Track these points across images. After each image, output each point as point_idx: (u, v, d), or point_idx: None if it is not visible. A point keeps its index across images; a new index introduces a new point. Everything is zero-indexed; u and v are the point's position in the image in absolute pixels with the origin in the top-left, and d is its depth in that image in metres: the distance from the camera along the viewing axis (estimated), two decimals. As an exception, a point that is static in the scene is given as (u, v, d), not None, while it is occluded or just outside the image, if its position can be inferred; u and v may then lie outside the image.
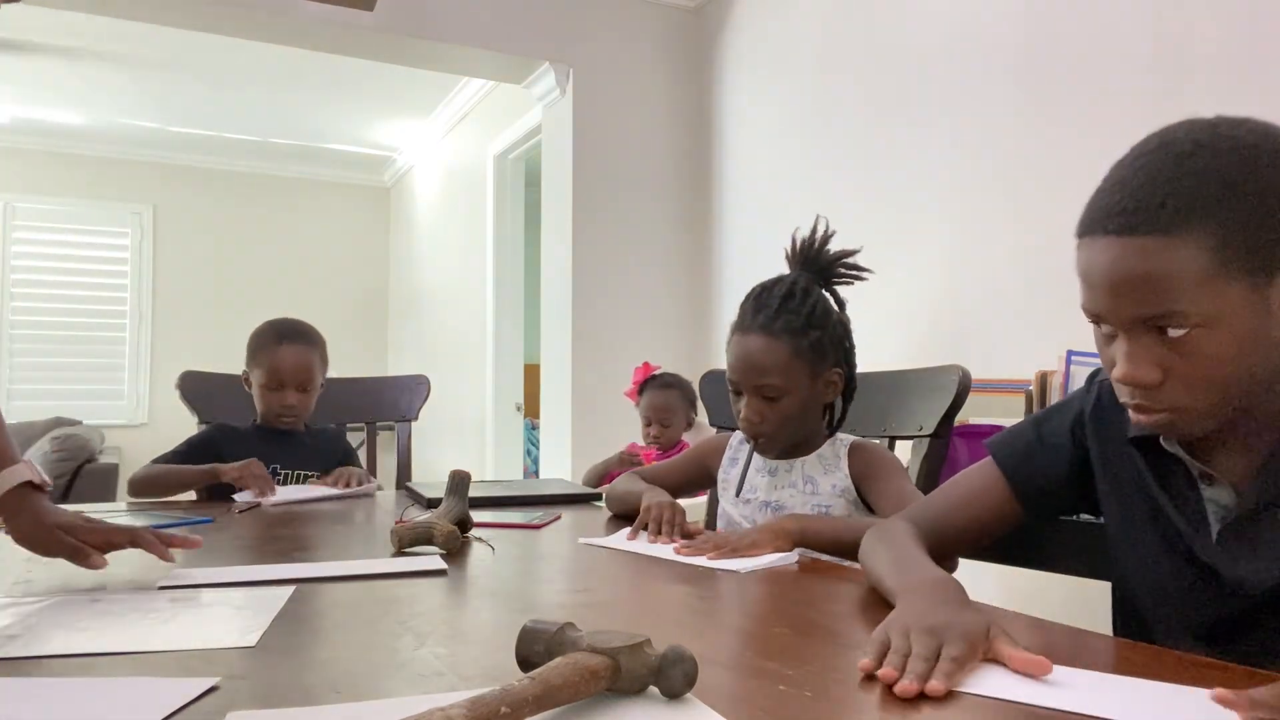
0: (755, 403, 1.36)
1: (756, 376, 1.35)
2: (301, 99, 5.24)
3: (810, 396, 1.38)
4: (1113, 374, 0.81)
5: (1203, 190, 0.74)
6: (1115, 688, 0.67)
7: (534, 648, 0.63)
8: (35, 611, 0.87)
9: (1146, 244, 0.75)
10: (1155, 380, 0.78)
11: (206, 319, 6.05)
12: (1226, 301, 0.74)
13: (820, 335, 1.37)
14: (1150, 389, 0.79)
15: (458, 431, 5.17)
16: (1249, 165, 0.75)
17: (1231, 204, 0.73)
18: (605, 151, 3.56)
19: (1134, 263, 0.75)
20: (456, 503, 1.34)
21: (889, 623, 0.75)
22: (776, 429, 1.38)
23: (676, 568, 1.13)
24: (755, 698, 0.64)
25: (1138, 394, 0.80)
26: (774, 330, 1.35)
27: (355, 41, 3.41)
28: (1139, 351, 0.78)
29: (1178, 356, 0.77)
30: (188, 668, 0.70)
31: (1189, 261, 0.73)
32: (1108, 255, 0.77)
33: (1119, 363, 0.79)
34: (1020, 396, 1.78)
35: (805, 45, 3.10)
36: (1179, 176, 0.75)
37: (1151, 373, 0.78)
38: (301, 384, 1.95)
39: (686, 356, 3.55)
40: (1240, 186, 0.74)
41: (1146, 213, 0.75)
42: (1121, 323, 0.79)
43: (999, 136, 2.37)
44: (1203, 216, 0.73)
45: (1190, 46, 1.94)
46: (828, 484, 1.39)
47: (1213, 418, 0.80)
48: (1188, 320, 0.75)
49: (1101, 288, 0.78)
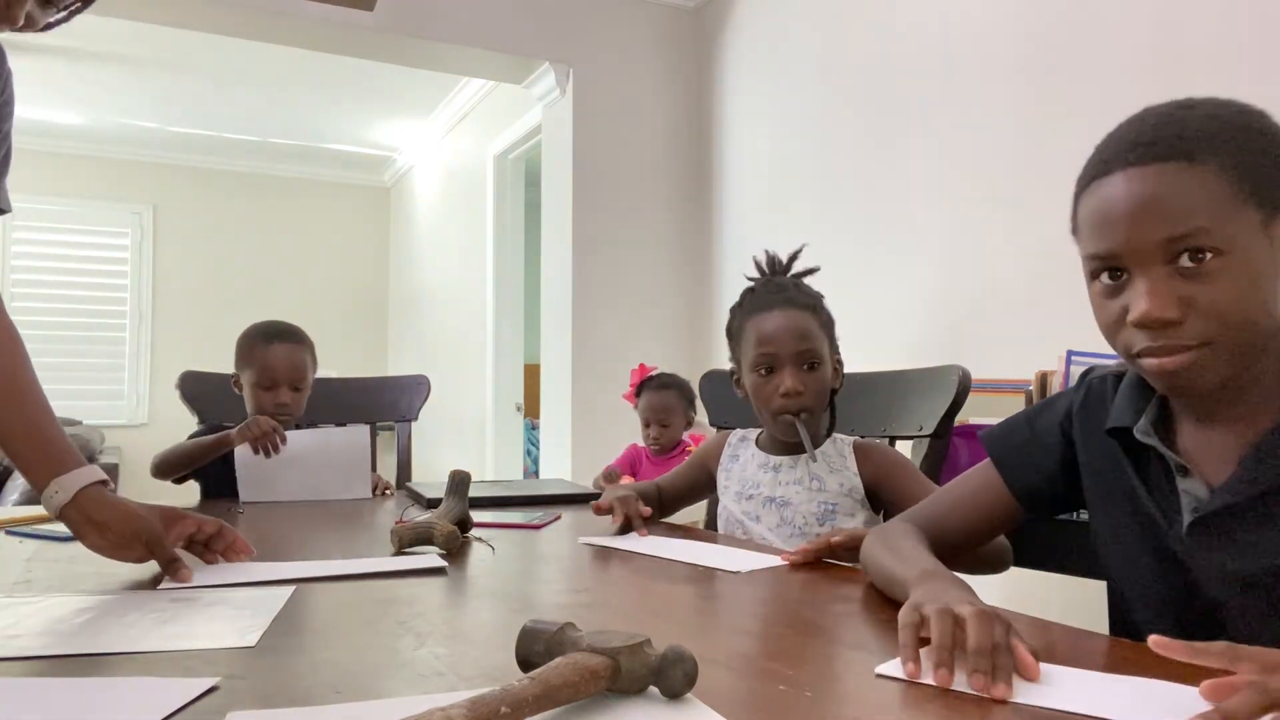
0: (797, 373, 1.37)
1: (799, 343, 1.37)
2: (301, 99, 5.24)
3: (832, 373, 1.42)
4: (1131, 317, 0.79)
5: (1216, 124, 0.78)
6: (1114, 687, 0.67)
7: (534, 648, 0.63)
8: (35, 611, 0.87)
9: (1169, 168, 0.77)
10: (1178, 315, 0.77)
11: (206, 319, 6.05)
12: (1242, 229, 0.76)
13: (828, 317, 1.43)
14: (1173, 326, 0.77)
15: (458, 431, 5.17)
16: (1252, 113, 0.81)
17: (1244, 138, 0.78)
18: (605, 151, 3.56)
19: (1158, 186, 0.77)
20: (456, 503, 1.34)
21: (916, 604, 0.74)
22: (817, 399, 1.39)
23: (676, 568, 1.13)
24: (755, 698, 0.64)
25: (1161, 335, 0.78)
26: (800, 303, 1.40)
27: (355, 41, 3.41)
28: (1159, 287, 0.77)
29: (1198, 287, 0.76)
30: (188, 668, 0.70)
31: (1211, 184, 0.76)
32: (1128, 184, 0.79)
33: (1140, 302, 0.78)
34: (1020, 396, 1.78)
35: (805, 45, 3.10)
36: (1191, 115, 0.80)
37: (1175, 307, 0.77)
38: (294, 382, 1.97)
39: (686, 356, 3.55)
40: (1240, 128, 0.79)
41: (1166, 142, 0.78)
42: (1142, 254, 0.78)
43: (999, 136, 2.37)
44: (1221, 145, 0.77)
45: (1190, 47, 1.94)
46: (835, 482, 1.39)
47: (1236, 362, 0.78)
48: (1210, 242, 0.75)
49: (1123, 218, 0.79)
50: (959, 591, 0.77)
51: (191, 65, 4.64)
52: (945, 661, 0.66)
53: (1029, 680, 0.65)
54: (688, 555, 1.19)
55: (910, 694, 0.65)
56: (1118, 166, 0.80)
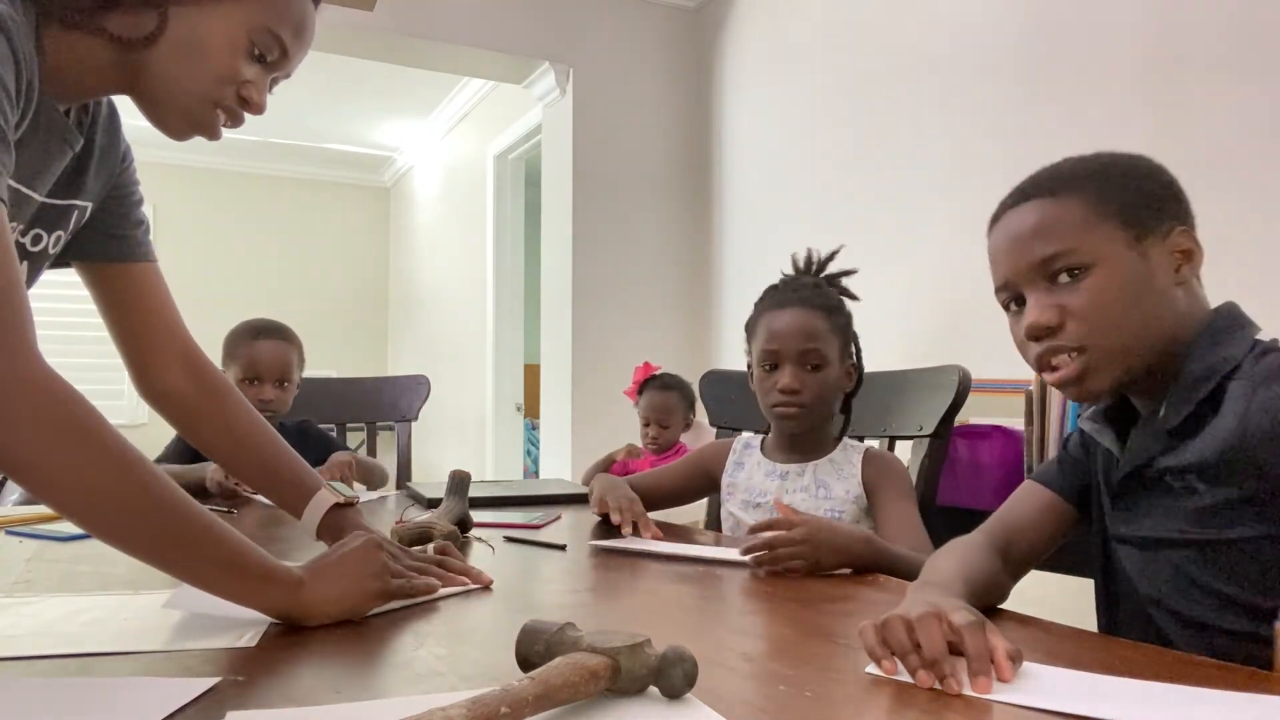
0: (796, 371, 1.37)
1: (803, 341, 1.37)
2: (301, 99, 5.24)
3: (838, 377, 1.41)
4: (1023, 334, 0.92)
5: (1080, 169, 0.94)
6: (1111, 688, 0.67)
7: (534, 648, 0.63)
8: (35, 611, 0.87)
9: (1037, 203, 0.93)
10: (1056, 320, 0.89)
11: (206, 319, 5.98)
12: (1108, 245, 0.88)
13: (846, 321, 1.43)
14: (1052, 331, 0.90)
15: (458, 431, 5.17)
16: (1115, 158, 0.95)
17: (1103, 177, 0.92)
18: (605, 151, 3.56)
19: (1029, 217, 0.93)
20: (456, 503, 1.34)
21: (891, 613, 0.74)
22: (814, 400, 1.38)
23: (676, 568, 1.13)
24: (755, 698, 0.64)
25: (1045, 343, 0.91)
26: (814, 303, 1.41)
27: (355, 41, 3.41)
28: (1039, 298, 0.91)
29: (1072, 297, 0.89)
30: (188, 668, 0.70)
31: (1073, 210, 0.90)
32: (1007, 222, 0.95)
33: (1028, 315, 0.91)
34: (1020, 396, 1.78)
35: (805, 45, 3.10)
36: (1059, 165, 0.96)
37: (1053, 314, 0.89)
38: (279, 378, 1.97)
39: (686, 357, 3.55)
40: (1105, 166, 0.93)
41: (1035, 185, 0.95)
42: (1024, 275, 0.92)
43: (999, 135, 2.37)
44: (1079, 182, 0.92)
45: (1190, 47, 1.94)
46: (841, 489, 1.39)
47: (1117, 363, 0.89)
48: (1077, 258, 0.88)
49: (1005, 249, 0.94)
50: (936, 598, 0.75)
51: (191, 65, 4.64)
52: (908, 665, 0.67)
53: (1001, 680, 0.65)
54: (695, 552, 1.19)
55: (910, 694, 0.65)
56: (1002, 211, 0.97)
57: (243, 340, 2.00)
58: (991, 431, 1.82)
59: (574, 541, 1.32)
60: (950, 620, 0.69)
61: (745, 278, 3.38)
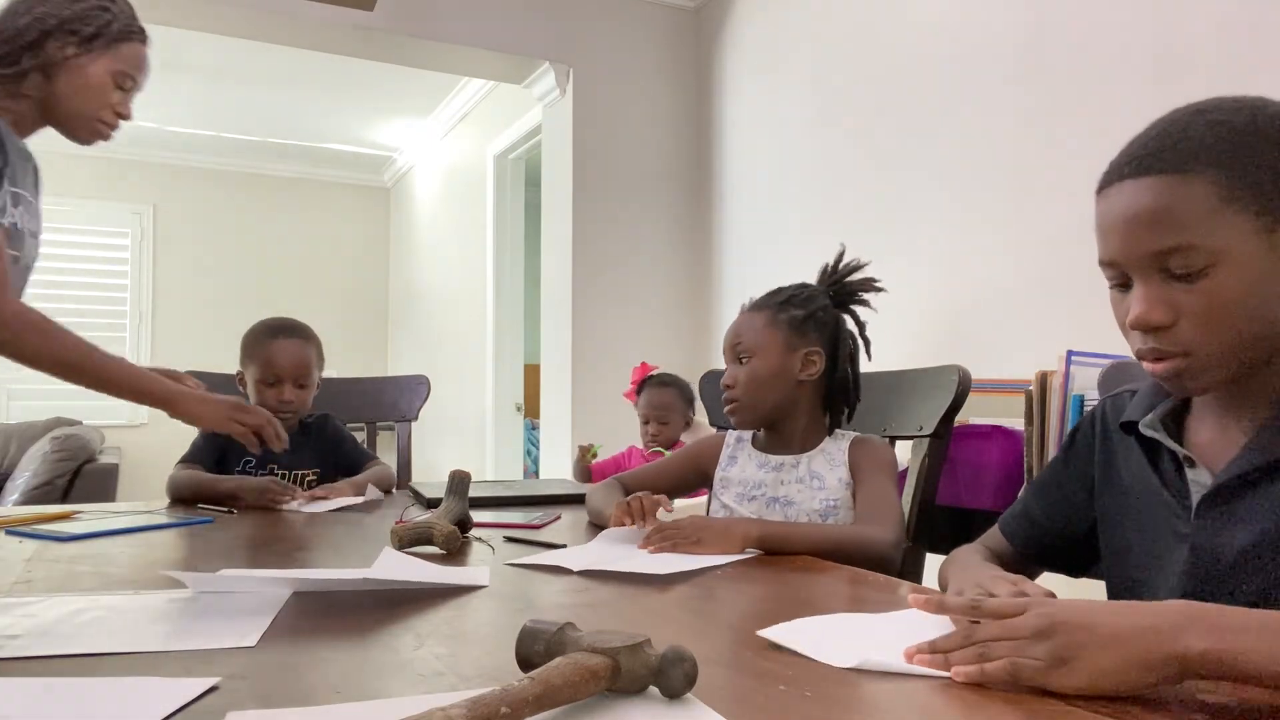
0: (730, 368, 1.45)
1: (733, 339, 1.46)
2: (301, 99, 5.24)
3: (782, 366, 1.42)
4: (1128, 321, 0.82)
5: (1212, 135, 0.79)
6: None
7: (534, 648, 0.63)
8: (35, 611, 0.87)
9: (1159, 181, 0.79)
10: (1168, 320, 0.80)
11: (206, 319, 6.04)
12: (1235, 238, 0.77)
13: (801, 315, 1.44)
14: (1163, 330, 0.80)
15: (458, 431, 5.17)
16: (1254, 118, 0.80)
17: (1238, 148, 0.78)
18: (605, 151, 3.56)
19: (1148, 198, 0.79)
20: (456, 503, 1.34)
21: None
22: (745, 392, 1.42)
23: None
24: (755, 698, 0.64)
25: (1151, 339, 0.81)
26: (757, 306, 1.47)
27: (355, 41, 3.41)
28: (1152, 292, 0.80)
29: (1190, 296, 0.79)
30: (188, 668, 0.70)
31: (1199, 195, 0.77)
32: (1123, 196, 0.82)
33: (1135, 306, 0.81)
34: (1020, 396, 1.78)
35: (805, 45, 3.10)
36: (1190, 125, 0.81)
37: (1165, 313, 0.80)
38: (298, 379, 1.93)
39: (686, 357, 3.55)
40: (1247, 134, 0.79)
41: (1160, 154, 0.80)
42: (1136, 263, 0.81)
43: (999, 136, 2.37)
44: (1212, 156, 0.78)
45: (1190, 48, 1.94)
46: (834, 478, 1.39)
47: (1224, 366, 0.81)
48: (1198, 254, 0.77)
49: (1117, 228, 0.82)
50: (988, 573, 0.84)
51: (191, 65, 4.64)
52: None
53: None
54: (684, 566, 1.12)
55: (910, 693, 0.65)
56: (1117, 178, 0.83)
57: (261, 340, 1.95)
58: (991, 431, 1.82)
59: (574, 542, 1.32)
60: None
61: (744, 278, 3.38)
